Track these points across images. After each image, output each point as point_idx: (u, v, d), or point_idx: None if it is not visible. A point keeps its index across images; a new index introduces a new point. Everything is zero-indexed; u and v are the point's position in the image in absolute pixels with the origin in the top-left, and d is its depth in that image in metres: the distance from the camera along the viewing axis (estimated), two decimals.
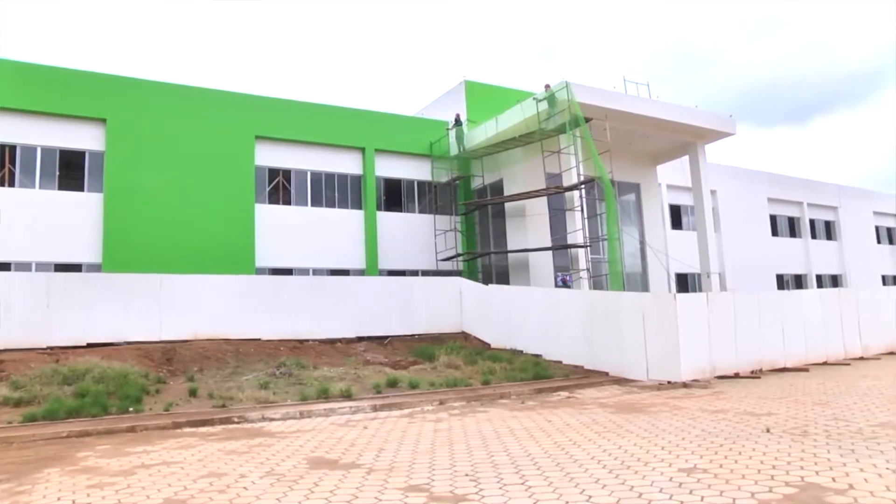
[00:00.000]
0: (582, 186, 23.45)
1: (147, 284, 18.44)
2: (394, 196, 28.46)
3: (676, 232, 34.29)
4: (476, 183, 28.53)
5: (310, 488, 6.71)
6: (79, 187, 22.27)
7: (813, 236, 42.91)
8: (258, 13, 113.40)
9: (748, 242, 37.24)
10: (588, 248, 23.58)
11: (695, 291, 30.39)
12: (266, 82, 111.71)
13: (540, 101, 23.56)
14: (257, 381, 14.91)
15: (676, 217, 35.55)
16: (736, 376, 16.19)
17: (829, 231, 44.52)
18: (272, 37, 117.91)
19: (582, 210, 23.51)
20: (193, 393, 13.73)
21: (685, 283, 32.58)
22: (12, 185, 21.32)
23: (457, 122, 27.79)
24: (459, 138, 27.59)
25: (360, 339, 20.63)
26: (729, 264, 34.66)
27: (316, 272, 25.39)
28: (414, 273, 27.09)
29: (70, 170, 22.26)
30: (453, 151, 28.03)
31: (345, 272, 25.88)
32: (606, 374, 16.85)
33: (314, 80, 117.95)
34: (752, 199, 39.01)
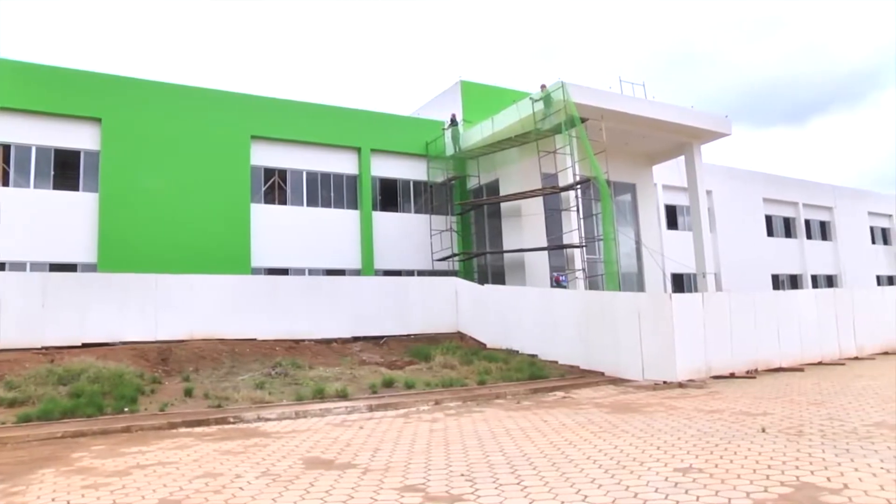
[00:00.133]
0: (578, 186, 23.46)
1: (142, 284, 18.40)
2: (390, 196, 28.45)
3: (672, 232, 34.35)
4: (472, 183, 28.54)
5: (305, 488, 6.70)
6: (74, 187, 22.22)
7: (808, 236, 43.03)
8: (254, 13, 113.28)
9: (744, 242, 37.31)
10: (584, 249, 23.60)
11: (690, 291, 30.46)
12: (262, 82, 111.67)
13: (536, 102, 23.58)
14: (253, 382, 14.90)
15: (672, 217, 35.60)
16: (731, 376, 16.22)
17: (825, 231, 44.63)
18: (268, 36, 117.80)
19: (578, 210, 23.53)
20: (189, 393, 13.71)
21: (681, 284, 32.63)
22: (7, 185, 21.26)
23: (453, 122, 27.79)
24: (455, 138, 27.59)
25: (356, 339, 20.62)
26: (724, 264, 34.72)
27: (312, 272, 25.37)
28: (410, 273, 27.08)
29: (65, 169, 22.20)
30: (449, 151, 28.04)
31: (341, 272, 25.86)
32: (602, 374, 16.86)
33: (310, 80, 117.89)
34: (748, 200, 39.09)
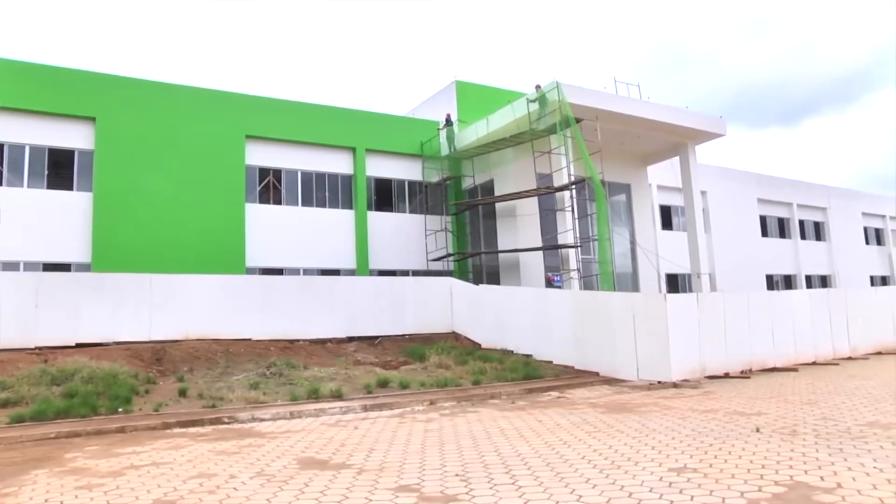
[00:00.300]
0: (572, 187, 23.49)
1: (137, 284, 18.34)
2: (384, 196, 28.43)
3: (667, 232, 34.41)
4: (467, 183, 28.54)
5: (300, 489, 6.69)
6: (68, 186, 22.14)
7: (802, 237, 43.15)
8: (249, 12, 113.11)
9: (738, 243, 37.41)
10: (578, 249, 23.63)
11: (685, 292, 30.51)
12: (257, 82, 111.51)
13: (531, 102, 23.60)
14: (247, 382, 14.87)
15: (667, 217, 35.67)
16: (726, 376, 16.26)
17: (819, 232, 44.77)
18: (263, 36, 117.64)
19: (572, 210, 23.56)
20: (183, 393, 13.68)
21: (675, 284, 32.69)
22: (0, 184, 21.16)
23: (448, 123, 27.79)
24: (450, 138, 27.59)
25: (351, 340, 20.60)
26: (719, 265, 34.80)
27: (306, 272, 25.34)
28: (404, 273, 27.06)
29: (59, 169, 22.13)
30: (444, 151, 28.03)
31: (335, 272, 25.84)
32: (597, 375, 16.88)
33: (305, 80, 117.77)
34: (743, 200, 39.20)
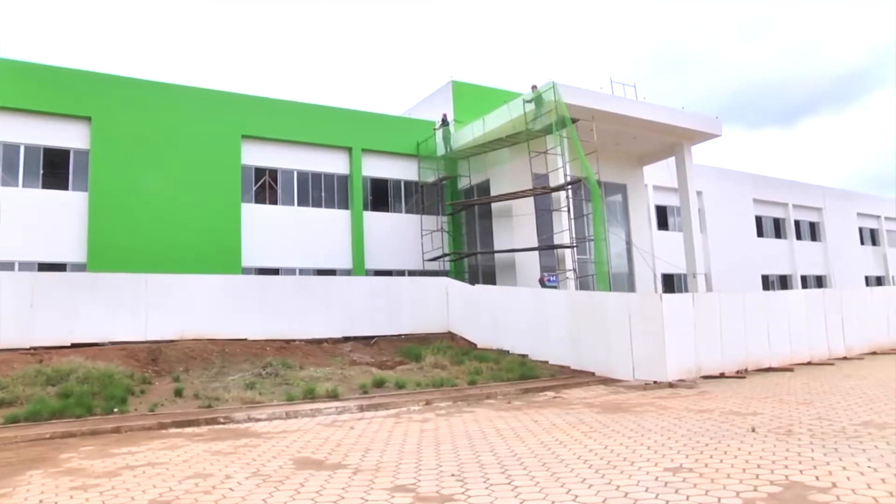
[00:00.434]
0: (568, 187, 23.50)
1: (132, 284, 18.30)
2: (380, 196, 28.43)
3: (663, 232, 34.43)
4: (463, 183, 28.55)
5: (296, 489, 6.68)
6: (63, 186, 22.09)
7: (798, 237, 43.24)
8: (245, 12, 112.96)
9: (734, 243, 37.45)
10: (574, 249, 23.64)
11: (681, 292, 30.56)
12: (253, 81, 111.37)
13: (527, 102, 23.60)
14: (243, 382, 14.85)
15: (663, 218, 35.70)
16: (721, 376, 16.29)
17: (814, 232, 44.87)
18: (260, 36, 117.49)
19: (568, 210, 23.57)
20: (179, 393, 13.66)
21: (671, 284, 32.73)
22: None
23: (444, 123, 27.79)
24: (446, 138, 27.59)
25: (347, 340, 20.59)
26: (715, 265, 34.83)
27: (302, 272, 25.32)
28: (400, 273, 27.06)
29: (54, 168, 22.07)
30: (440, 151, 28.04)
31: (331, 272, 25.83)
32: (593, 375, 16.90)
33: (301, 80, 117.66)
34: (738, 200, 39.25)
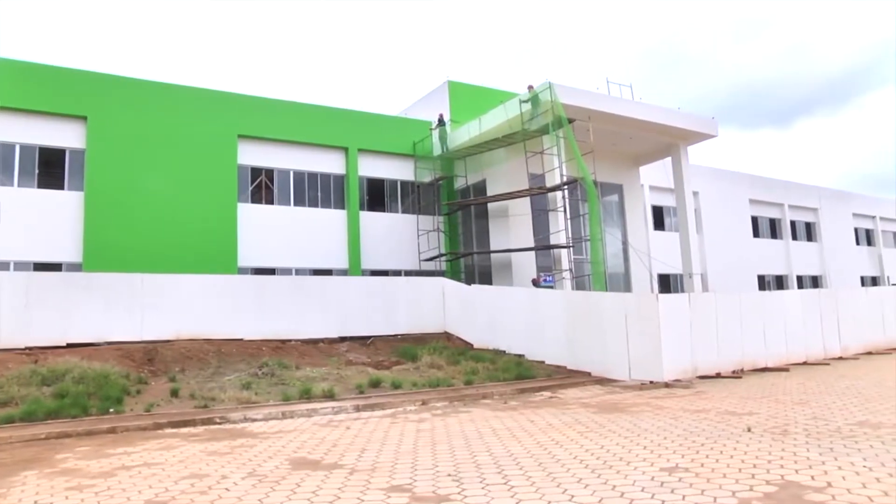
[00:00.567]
0: (565, 187, 23.52)
1: (128, 284, 18.25)
2: (377, 196, 28.41)
3: (659, 233, 34.50)
4: (459, 183, 28.54)
5: (292, 489, 6.67)
6: (59, 186, 22.04)
7: (794, 237, 43.34)
8: (242, 11, 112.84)
9: (730, 243, 37.52)
10: (571, 249, 23.66)
11: (677, 292, 30.58)
12: (249, 81, 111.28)
13: (523, 102, 23.61)
14: (239, 382, 14.83)
15: (659, 218, 35.76)
16: (717, 376, 16.31)
17: (810, 232, 44.97)
18: (256, 36, 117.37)
19: (565, 211, 23.59)
20: (175, 393, 13.63)
21: (667, 284, 32.77)
22: None
23: (440, 123, 27.79)
24: (443, 138, 27.59)
25: (343, 340, 20.57)
26: (711, 265, 34.90)
27: (299, 272, 25.29)
28: (397, 273, 27.05)
29: (50, 168, 22.02)
30: (436, 151, 28.04)
31: (328, 272, 25.81)
32: (589, 375, 16.90)
33: (297, 80, 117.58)
34: (734, 201, 39.33)
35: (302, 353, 18.54)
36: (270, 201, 25.86)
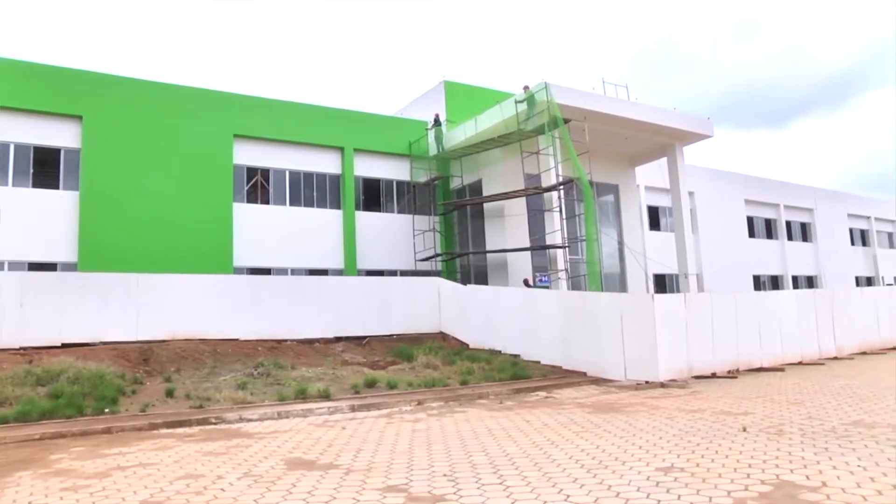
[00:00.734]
0: (560, 187, 23.54)
1: (123, 284, 18.21)
2: (372, 196, 28.39)
3: (654, 233, 34.54)
4: (455, 183, 28.54)
5: (287, 489, 6.67)
6: (54, 185, 21.98)
7: (789, 238, 43.43)
8: (238, 11, 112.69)
9: (726, 243, 37.59)
10: (566, 249, 23.68)
11: (673, 292, 30.64)
12: (245, 81, 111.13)
13: (519, 102, 23.63)
14: (235, 382, 14.80)
15: (654, 218, 35.80)
16: (713, 376, 16.33)
17: (805, 233, 45.08)
18: (252, 35, 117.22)
19: (560, 211, 23.61)
20: (170, 393, 13.60)
21: (663, 284, 32.82)
22: None
23: (436, 123, 27.79)
24: (438, 138, 27.59)
25: (339, 340, 20.55)
26: (706, 265, 34.94)
27: (294, 272, 25.27)
28: (392, 273, 27.04)
29: (45, 167, 21.95)
30: (432, 151, 28.03)
31: (323, 272, 25.79)
32: (584, 375, 16.91)
33: (293, 79, 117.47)
34: (730, 201, 39.40)
35: (297, 353, 18.52)
36: (266, 201, 25.83)
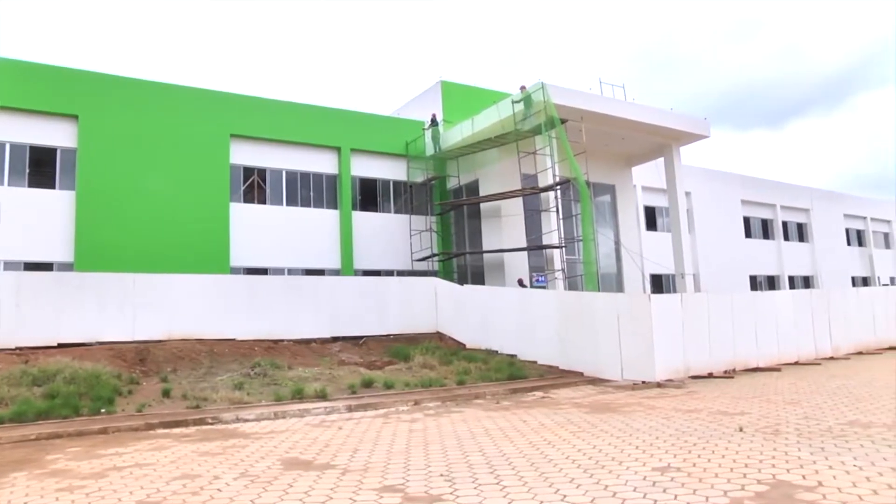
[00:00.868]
0: (557, 187, 23.55)
1: (120, 284, 18.18)
2: (369, 196, 28.38)
3: (651, 233, 34.55)
4: (452, 183, 28.55)
5: (284, 489, 6.66)
6: (50, 185, 21.93)
7: (786, 238, 43.50)
8: (235, 11, 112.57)
9: (722, 244, 37.63)
10: (563, 249, 23.69)
11: (669, 292, 30.67)
12: (242, 80, 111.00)
13: (516, 103, 23.63)
14: (231, 382, 14.78)
15: (651, 218, 35.81)
16: (710, 376, 16.35)
17: (802, 233, 45.15)
18: (249, 35, 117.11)
19: (557, 211, 23.61)
20: (167, 394, 13.58)
21: (660, 284, 32.85)
22: None
23: (433, 123, 27.78)
24: (435, 138, 27.58)
25: (335, 340, 20.54)
26: (703, 265, 34.98)
27: (291, 272, 25.25)
28: (389, 273, 27.03)
29: (41, 167, 21.90)
30: (429, 151, 28.03)
31: (320, 272, 25.77)
32: (581, 375, 16.92)
33: (290, 79, 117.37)
34: (727, 201, 39.43)
35: (294, 354, 18.51)
36: (263, 201, 25.80)
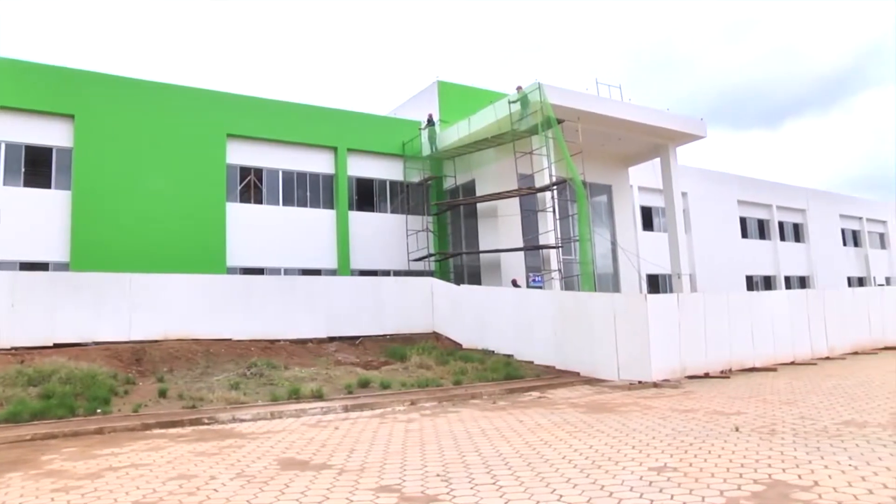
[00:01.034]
0: (554, 187, 23.55)
1: (116, 284, 18.14)
2: (366, 196, 28.36)
3: (647, 233, 34.61)
4: (448, 183, 28.54)
5: (281, 489, 6.66)
6: (46, 184, 21.86)
7: (782, 238, 43.59)
8: (232, 11, 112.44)
9: (718, 244, 37.69)
10: (560, 249, 23.69)
11: (666, 292, 30.69)
12: (238, 80, 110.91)
13: (513, 103, 23.62)
14: (228, 382, 14.77)
15: (648, 218, 35.87)
16: (706, 376, 16.38)
17: (798, 233, 45.24)
18: (246, 35, 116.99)
19: (554, 211, 23.62)
20: (163, 394, 13.56)
21: (656, 284, 32.88)
22: None
23: (429, 123, 27.77)
24: (432, 138, 27.57)
25: (332, 340, 20.52)
26: (699, 265, 35.04)
27: (287, 272, 25.22)
28: (386, 273, 27.02)
29: (36, 166, 21.83)
30: (426, 151, 28.01)
31: (316, 272, 25.74)
32: (577, 375, 16.93)
33: (287, 79, 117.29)
34: (723, 202, 39.50)
35: (290, 354, 18.49)
36: (259, 201, 25.77)
